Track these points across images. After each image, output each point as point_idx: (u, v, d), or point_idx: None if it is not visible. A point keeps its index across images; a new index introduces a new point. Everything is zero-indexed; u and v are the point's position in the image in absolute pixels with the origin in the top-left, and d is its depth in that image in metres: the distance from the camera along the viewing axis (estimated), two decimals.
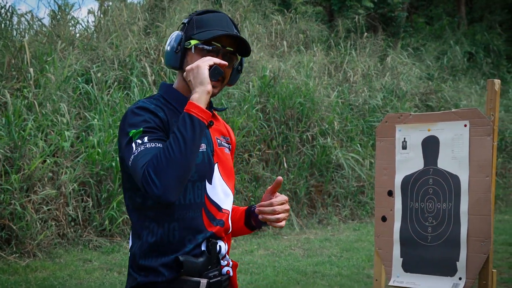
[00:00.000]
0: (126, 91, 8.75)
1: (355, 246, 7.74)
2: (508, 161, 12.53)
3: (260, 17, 12.32)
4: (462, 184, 2.62)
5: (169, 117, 2.06)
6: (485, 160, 2.57)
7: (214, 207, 2.12)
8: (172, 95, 2.15)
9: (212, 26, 2.09)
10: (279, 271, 6.48)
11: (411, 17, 18.84)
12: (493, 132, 2.55)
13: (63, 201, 7.02)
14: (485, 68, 15.95)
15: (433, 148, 2.70)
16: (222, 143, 2.21)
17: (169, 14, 10.86)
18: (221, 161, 2.16)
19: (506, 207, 11.21)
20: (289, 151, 9.45)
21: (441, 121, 2.69)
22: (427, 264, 2.71)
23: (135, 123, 2.00)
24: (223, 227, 2.14)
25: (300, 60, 11.06)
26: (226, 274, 2.15)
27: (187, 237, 2.06)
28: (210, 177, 2.11)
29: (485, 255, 2.56)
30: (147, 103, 2.07)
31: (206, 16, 2.14)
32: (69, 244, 6.94)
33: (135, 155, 1.95)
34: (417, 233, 2.74)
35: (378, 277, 2.87)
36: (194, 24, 2.12)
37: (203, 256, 2.06)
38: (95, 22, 10.39)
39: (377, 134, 2.87)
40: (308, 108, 9.81)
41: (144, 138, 1.96)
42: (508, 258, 7.33)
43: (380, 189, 2.85)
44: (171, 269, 2.04)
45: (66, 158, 7.30)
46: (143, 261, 2.06)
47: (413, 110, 11.92)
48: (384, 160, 2.84)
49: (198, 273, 2.05)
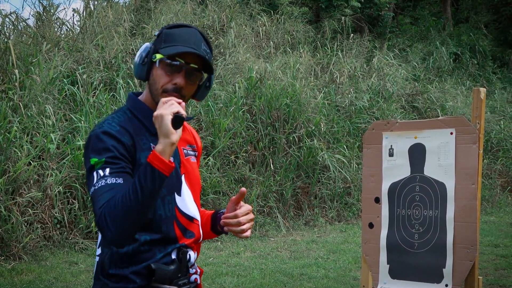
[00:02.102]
0: (112, 93, 8.72)
1: (341, 248, 7.76)
2: (493, 162, 12.60)
3: (246, 18, 12.32)
4: (448, 192, 2.64)
5: (134, 136, 2.07)
6: (471, 167, 2.58)
7: (185, 219, 2.16)
8: (138, 109, 2.16)
9: (179, 42, 2.09)
10: (265, 273, 6.48)
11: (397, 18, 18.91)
12: (479, 140, 2.56)
13: (49, 203, 6.99)
14: (471, 69, 16.03)
15: (420, 155, 2.72)
16: (189, 152, 2.24)
17: (155, 15, 10.84)
18: (187, 171, 2.20)
19: (492, 208, 11.27)
20: (275, 153, 9.46)
21: (428, 128, 2.70)
22: (414, 271, 2.72)
23: (97, 150, 2.01)
24: (193, 238, 2.18)
25: (286, 61, 11.07)
26: (194, 281, 2.19)
27: (158, 248, 2.09)
28: (179, 189, 2.15)
29: (471, 262, 2.58)
30: (112, 126, 2.06)
31: (176, 31, 2.13)
32: (55, 246, 6.91)
33: (96, 189, 1.96)
34: (404, 240, 2.75)
35: (365, 283, 2.88)
36: (163, 38, 2.12)
37: (174, 264, 2.11)
38: (80, 23, 10.34)
39: (364, 142, 2.88)
40: (295, 110, 9.82)
41: (106, 170, 1.97)
42: (494, 259, 7.37)
43: (367, 196, 2.86)
44: (142, 276, 2.07)
45: (51, 160, 7.25)
46: (113, 270, 2.08)
47: (400, 111, 11.96)
48: (371, 167, 2.85)
49: (169, 281, 2.09)
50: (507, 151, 12.91)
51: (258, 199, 8.70)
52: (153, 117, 1.95)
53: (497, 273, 6.79)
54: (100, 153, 1.99)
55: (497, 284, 6.32)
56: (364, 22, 15.65)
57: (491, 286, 6.25)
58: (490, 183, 11.99)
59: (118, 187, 1.94)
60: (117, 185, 1.95)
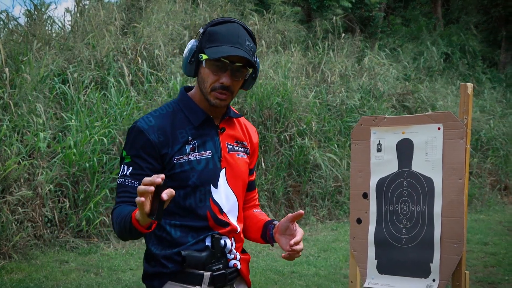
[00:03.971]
0: (103, 92, 8.71)
1: (332, 246, 7.78)
2: (483, 161, 12.66)
3: (237, 17, 12.32)
4: (435, 187, 2.65)
5: (171, 130, 2.24)
6: (458, 162, 2.60)
7: (218, 210, 2.28)
8: (185, 102, 2.31)
9: (223, 41, 2.18)
10: (256, 272, 6.50)
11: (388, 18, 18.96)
12: (466, 135, 2.58)
13: (39, 202, 6.97)
14: (461, 68, 16.09)
15: (408, 151, 2.73)
16: (235, 147, 2.36)
17: (146, 14, 10.83)
18: (229, 166, 2.32)
19: (482, 206, 11.33)
20: (267, 152, 9.47)
21: (415, 124, 2.71)
22: (402, 266, 2.73)
23: (129, 145, 2.24)
24: (227, 228, 2.30)
25: (278, 61, 11.08)
26: (233, 267, 2.33)
27: (191, 234, 2.24)
28: (215, 182, 2.28)
29: (458, 257, 2.59)
30: (148, 121, 2.23)
31: (220, 29, 2.21)
32: (45, 245, 6.89)
33: (118, 183, 2.22)
34: (392, 235, 2.76)
35: (353, 278, 2.89)
36: (207, 37, 2.21)
37: (206, 251, 2.24)
38: (71, 22, 10.31)
39: (352, 137, 2.89)
40: (286, 109, 9.84)
41: (129, 169, 2.20)
42: (483, 257, 7.42)
43: (355, 191, 2.87)
44: (175, 262, 2.22)
45: (42, 159, 7.24)
46: (151, 246, 2.27)
47: (390, 110, 12.00)
48: (359, 163, 2.86)
49: (202, 266, 2.23)
50: (497, 150, 12.97)
51: None
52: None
53: (486, 270, 6.83)
54: (129, 150, 2.22)
55: (486, 282, 6.36)
56: (355, 22, 15.69)
57: (480, 284, 6.29)
58: (480, 182, 12.04)
59: (131, 190, 2.17)
60: (132, 188, 2.17)
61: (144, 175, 2.14)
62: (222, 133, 2.33)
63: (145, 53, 9.76)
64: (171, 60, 9.88)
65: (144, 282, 2.31)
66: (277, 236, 2.35)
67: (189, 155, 2.23)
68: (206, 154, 2.26)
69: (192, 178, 2.22)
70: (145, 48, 9.89)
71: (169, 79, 9.39)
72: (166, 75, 9.55)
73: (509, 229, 9.33)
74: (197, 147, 2.25)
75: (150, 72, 9.51)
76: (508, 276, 6.55)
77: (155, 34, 10.13)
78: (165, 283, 2.25)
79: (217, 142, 2.29)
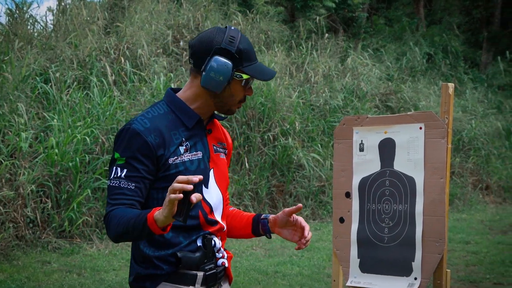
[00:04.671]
0: (85, 91, 8.66)
1: (316, 245, 7.80)
2: (465, 161, 12.75)
3: (221, 17, 12.31)
4: (417, 186, 2.67)
5: (166, 131, 2.25)
6: (439, 162, 2.62)
7: (209, 209, 2.33)
8: (175, 104, 2.33)
9: (252, 58, 2.31)
10: (240, 271, 6.50)
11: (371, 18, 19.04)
12: (447, 134, 2.60)
13: (21, 202, 6.92)
14: (443, 69, 16.19)
15: (390, 150, 2.74)
16: (218, 149, 2.43)
17: (129, 14, 10.78)
18: (216, 166, 2.39)
19: (464, 206, 11.42)
20: (250, 151, 9.48)
21: (397, 123, 2.73)
22: (384, 265, 2.75)
23: (122, 146, 2.22)
24: (215, 226, 2.35)
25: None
26: (221, 265, 2.37)
27: (183, 234, 2.26)
28: (206, 182, 2.33)
29: (440, 255, 2.61)
30: (143, 123, 2.24)
31: (245, 45, 2.29)
32: (27, 246, 6.85)
33: (110, 185, 2.20)
34: (374, 234, 2.78)
35: (336, 277, 2.91)
36: (243, 56, 2.28)
37: (199, 251, 2.28)
38: (53, 21, 10.25)
39: (335, 136, 2.90)
40: (270, 109, 9.85)
41: (123, 171, 2.19)
42: (465, 256, 7.48)
43: (338, 190, 2.88)
44: (169, 264, 2.25)
45: (24, 159, 7.19)
46: (142, 247, 2.27)
47: (373, 110, 12.05)
48: (341, 162, 2.88)
49: (195, 267, 2.27)
50: (478, 149, 13.07)
51: (233, 197, 8.71)
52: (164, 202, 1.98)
53: (468, 269, 6.89)
54: (124, 151, 2.21)
55: (467, 280, 6.41)
56: (339, 23, 15.73)
57: (462, 282, 6.34)
58: (461, 181, 12.13)
59: (128, 193, 2.17)
60: (128, 190, 2.18)
61: (140, 177, 2.19)
62: (210, 134, 2.40)
63: (128, 53, 9.72)
64: (155, 60, 9.86)
65: (133, 284, 2.32)
66: (277, 230, 2.49)
67: (183, 156, 2.28)
68: (197, 154, 2.31)
69: None
70: (128, 48, 9.86)
71: (152, 79, 9.36)
72: (150, 75, 9.53)
73: (491, 228, 9.42)
74: (189, 148, 2.30)
75: (133, 72, 9.48)
76: (490, 274, 6.61)
77: (138, 34, 10.10)
78: (158, 284, 2.27)
79: (206, 143, 2.36)
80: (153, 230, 2.01)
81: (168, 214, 1.94)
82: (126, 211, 2.13)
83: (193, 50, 2.30)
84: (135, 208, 2.17)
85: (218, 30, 2.30)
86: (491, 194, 12.57)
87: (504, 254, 7.55)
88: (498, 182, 12.74)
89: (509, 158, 13.50)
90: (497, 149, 13.47)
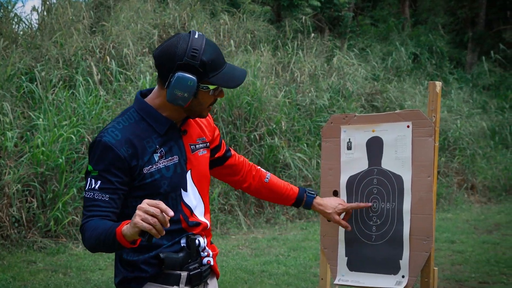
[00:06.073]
0: (71, 90, 8.62)
1: (302, 245, 7.81)
2: (451, 160, 12.82)
3: (207, 16, 12.30)
4: (405, 184, 2.68)
5: (138, 141, 2.23)
6: (427, 160, 2.63)
7: (189, 212, 2.33)
8: (146, 111, 2.29)
9: (219, 65, 2.23)
10: (226, 271, 6.49)
11: (357, 18, 19.09)
12: (435, 133, 2.61)
13: (7, 202, 6.87)
14: (429, 69, 16.25)
15: (377, 148, 2.75)
16: (197, 146, 2.40)
17: (115, 13, 10.74)
18: (194, 167, 2.36)
19: (449, 205, 11.47)
20: (236, 151, 9.46)
21: (385, 122, 2.74)
22: (371, 263, 2.76)
23: (95, 159, 2.20)
24: (199, 227, 2.35)
25: (248, 60, 11.08)
26: (206, 264, 2.39)
27: (166, 237, 2.25)
28: (184, 185, 2.32)
29: (427, 254, 2.62)
30: (114, 135, 2.21)
31: (210, 55, 2.20)
32: (12, 245, 6.80)
33: (85, 197, 2.20)
34: (362, 233, 2.79)
35: (324, 276, 2.91)
36: (207, 67, 2.19)
37: (183, 252, 2.29)
38: (38, 20, 10.18)
39: (322, 135, 2.90)
40: (256, 108, 9.84)
41: (97, 183, 2.18)
42: (451, 255, 7.51)
43: (326, 189, 2.89)
44: (153, 266, 2.27)
45: (9, 158, 7.14)
46: (126, 256, 2.28)
47: (359, 110, 12.08)
48: (329, 161, 2.88)
49: (179, 267, 2.28)
50: (464, 149, 13.14)
51: (219, 197, 8.70)
52: (133, 220, 1.97)
53: (454, 268, 6.93)
54: (96, 164, 2.19)
55: (453, 279, 6.45)
56: (325, 22, 15.76)
57: (448, 281, 6.37)
58: (447, 181, 12.19)
59: (102, 204, 2.16)
60: (102, 201, 2.17)
61: (114, 188, 2.18)
62: (185, 135, 2.36)
63: (113, 52, 9.69)
64: (140, 59, 9.82)
65: (119, 286, 2.33)
66: (332, 216, 2.73)
67: (158, 163, 2.26)
68: (173, 159, 2.29)
69: (164, 186, 2.26)
70: (113, 47, 9.82)
71: (138, 78, 9.33)
72: (135, 74, 9.50)
73: (476, 228, 9.47)
74: (164, 154, 2.28)
75: (119, 71, 9.44)
76: (475, 273, 6.65)
77: (124, 33, 10.06)
78: (143, 285, 2.29)
79: (181, 146, 2.33)
80: (123, 244, 2.02)
81: (134, 233, 1.95)
82: (99, 223, 2.12)
83: (157, 63, 2.23)
84: (110, 219, 2.17)
85: (181, 41, 2.19)
86: (476, 194, 12.64)
87: (489, 253, 7.59)
88: (483, 181, 12.81)
89: (494, 158, 13.58)
90: (482, 149, 13.55)
